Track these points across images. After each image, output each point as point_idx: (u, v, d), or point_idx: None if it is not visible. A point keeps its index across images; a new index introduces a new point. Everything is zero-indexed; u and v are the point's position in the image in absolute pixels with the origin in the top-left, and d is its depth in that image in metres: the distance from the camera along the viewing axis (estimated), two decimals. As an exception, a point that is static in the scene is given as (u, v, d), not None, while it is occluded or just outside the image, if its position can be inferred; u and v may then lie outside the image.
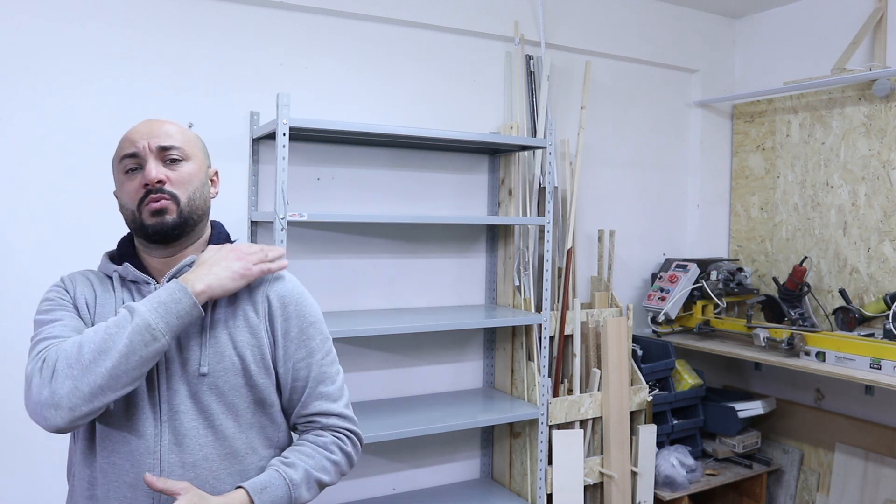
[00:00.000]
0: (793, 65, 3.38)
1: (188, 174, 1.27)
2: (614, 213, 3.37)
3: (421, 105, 2.81)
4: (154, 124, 1.28)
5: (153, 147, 1.24)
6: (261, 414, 1.28)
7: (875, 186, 3.02)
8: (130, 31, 2.29)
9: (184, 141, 1.29)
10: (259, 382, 1.27)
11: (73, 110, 2.22)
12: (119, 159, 1.27)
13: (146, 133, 1.26)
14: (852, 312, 2.91)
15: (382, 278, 2.74)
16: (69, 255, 2.22)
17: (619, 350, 2.91)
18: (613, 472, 2.84)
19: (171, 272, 1.26)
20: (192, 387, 1.21)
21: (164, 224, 1.23)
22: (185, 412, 1.20)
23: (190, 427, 1.20)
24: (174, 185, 1.24)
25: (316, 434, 1.31)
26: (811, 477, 3.22)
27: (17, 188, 2.16)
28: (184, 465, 1.19)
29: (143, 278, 1.27)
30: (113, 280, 1.28)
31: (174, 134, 1.28)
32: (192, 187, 1.27)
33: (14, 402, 2.16)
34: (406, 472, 2.81)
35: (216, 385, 1.22)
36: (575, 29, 3.15)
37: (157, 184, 1.22)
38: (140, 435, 1.18)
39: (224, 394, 1.23)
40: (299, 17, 2.56)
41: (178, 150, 1.27)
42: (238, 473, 1.24)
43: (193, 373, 1.22)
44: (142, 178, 1.23)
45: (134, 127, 1.29)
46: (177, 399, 1.20)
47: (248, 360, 1.25)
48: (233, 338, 1.25)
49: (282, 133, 2.14)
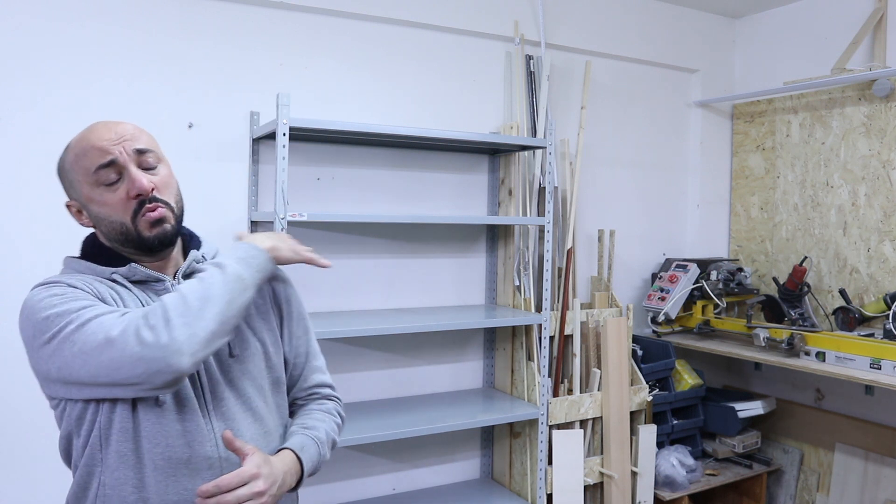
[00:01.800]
0: (793, 65, 3.38)
1: (168, 176, 1.24)
2: (614, 213, 3.37)
3: (421, 105, 2.81)
4: (116, 127, 1.20)
5: (130, 152, 1.18)
6: (277, 393, 1.35)
7: (875, 186, 3.02)
8: (130, 31, 2.29)
9: (150, 141, 1.23)
10: (276, 363, 1.34)
11: (73, 110, 2.22)
12: (91, 171, 1.17)
13: (115, 138, 1.18)
14: (852, 312, 2.91)
15: (382, 278, 2.74)
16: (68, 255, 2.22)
17: (619, 350, 2.91)
18: (613, 472, 2.84)
19: (182, 269, 1.27)
20: (227, 373, 1.25)
21: (166, 234, 1.21)
22: (227, 398, 1.23)
23: (235, 412, 1.23)
24: (161, 191, 1.21)
25: (319, 403, 1.42)
26: (811, 477, 3.22)
27: (18, 188, 2.16)
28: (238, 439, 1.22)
29: (156, 276, 1.24)
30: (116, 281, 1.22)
31: (141, 135, 1.22)
32: (175, 191, 1.25)
33: (14, 403, 2.16)
34: (406, 472, 2.81)
35: (247, 369, 1.27)
36: (575, 29, 3.15)
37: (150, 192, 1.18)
38: (195, 426, 1.18)
39: (254, 377, 1.28)
40: (299, 17, 2.56)
41: (153, 153, 1.21)
42: (273, 451, 1.28)
43: (226, 359, 1.25)
44: (129, 189, 1.17)
45: (93, 133, 1.19)
46: (218, 388, 1.23)
47: (267, 343, 1.33)
48: (249, 325, 1.31)
49: (282, 133, 2.14)
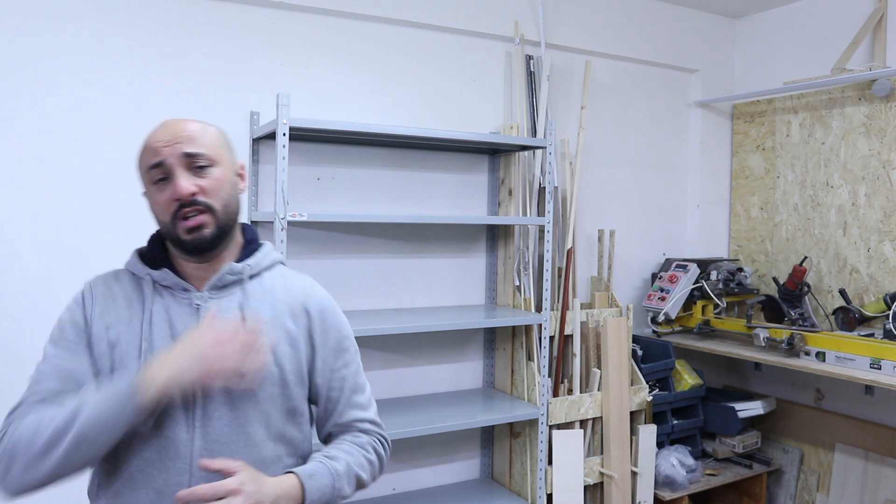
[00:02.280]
0: (793, 65, 3.38)
1: (218, 180, 1.22)
2: (614, 213, 3.37)
3: (421, 105, 2.81)
4: (174, 127, 1.22)
5: (178, 155, 1.19)
6: (290, 424, 1.29)
7: (875, 186, 3.02)
8: (130, 31, 2.29)
9: (209, 143, 1.23)
10: (294, 393, 1.28)
11: (74, 110, 2.22)
12: (145, 169, 1.22)
13: (168, 139, 1.20)
14: (852, 312, 2.91)
15: (382, 278, 2.74)
16: (70, 255, 2.22)
17: (619, 350, 2.91)
18: (613, 472, 2.84)
19: (212, 281, 1.25)
20: (230, 393, 1.21)
21: (203, 239, 1.20)
22: (220, 418, 1.20)
23: (222, 433, 1.20)
24: (206, 194, 1.20)
25: (353, 435, 1.36)
26: (811, 477, 3.22)
27: (18, 188, 2.16)
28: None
29: (183, 285, 1.24)
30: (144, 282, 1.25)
31: (197, 137, 1.21)
32: (224, 192, 1.23)
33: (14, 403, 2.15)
34: (406, 472, 2.81)
35: (254, 393, 1.22)
36: (575, 29, 3.15)
37: (189, 197, 1.18)
38: (172, 440, 1.17)
39: (259, 402, 1.23)
40: (299, 17, 2.56)
41: (204, 156, 1.21)
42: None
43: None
44: (172, 192, 1.18)
45: (154, 132, 1.23)
46: (212, 405, 1.20)
47: (287, 370, 1.27)
48: (273, 349, 1.26)
49: (282, 133, 2.14)
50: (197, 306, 1.24)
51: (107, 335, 1.21)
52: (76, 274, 2.21)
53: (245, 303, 1.26)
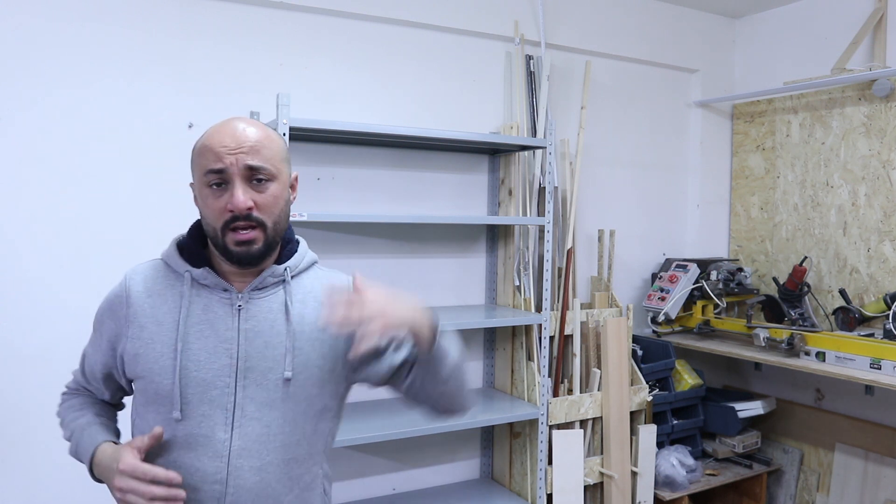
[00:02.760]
0: (793, 65, 3.38)
1: (275, 196, 1.20)
2: (614, 213, 3.37)
3: (421, 105, 2.81)
4: (240, 133, 1.18)
5: (241, 167, 1.17)
6: (323, 420, 1.30)
7: (875, 186, 3.02)
8: (130, 31, 2.29)
9: (271, 157, 1.20)
10: (329, 390, 1.29)
11: (73, 110, 2.22)
12: (203, 171, 1.18)
13: (233, 146, 1.17)
14: (852, 312, 2.91)
15: (382, 278, 2.73)
16: (69, 255, 2.22)
17: (619, 350, 2.91)
18: (613, 472, 2.84)
19: (254, 283, 1.24)
20: (270, 393, 1.21)
21: (251, 254, 1.19)
22: (259, 419, 1.20)
23: (261, 433, 1.20)
24: (261, 210, 1.18)
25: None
26: (811, 477, 3.22)
27: (18, 188, 2.16)
28: (251, 469, 1.19)
29: (224, 285, 1.23)
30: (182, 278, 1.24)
31: (262, 149, 1.19)
32: (278, 209, 1.21)
33: (14, 403, 2.16)
34: (406, 472, 2.81)
35: (295, 393, 1.23)
36: (575, 29, 3.15)
37: (245, 212, 1.16)
38: (210, 439, 1.18)
39: (299, 402, 1.24)
40: (299, 17, 2.56)
41: (265, 171, 1.19)
42: (297, 478, 1.25)
43: (275, 379, 1.22)
44: (227, 202, 1.16)
45: (218, 133, 1.19)
46: (251, 406, 1.20)
47: (326, 370, 1.27)
48: (315, 348, 1.26)
49: (282, 133, 2.14)
50: (239, 307, 1.23)
51: (140, 335, 1.22)
52: (76, 274, 2.22)
53: (289, 302, 1.26)
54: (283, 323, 1.24)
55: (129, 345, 1.23)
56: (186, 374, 1.19)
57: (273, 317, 1.24)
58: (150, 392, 1.21)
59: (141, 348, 1.21)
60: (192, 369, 1.19)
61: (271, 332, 1.23)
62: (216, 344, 1.20)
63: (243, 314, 1.23)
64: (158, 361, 1.20)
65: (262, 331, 1.23)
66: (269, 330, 1.23)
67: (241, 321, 1.22)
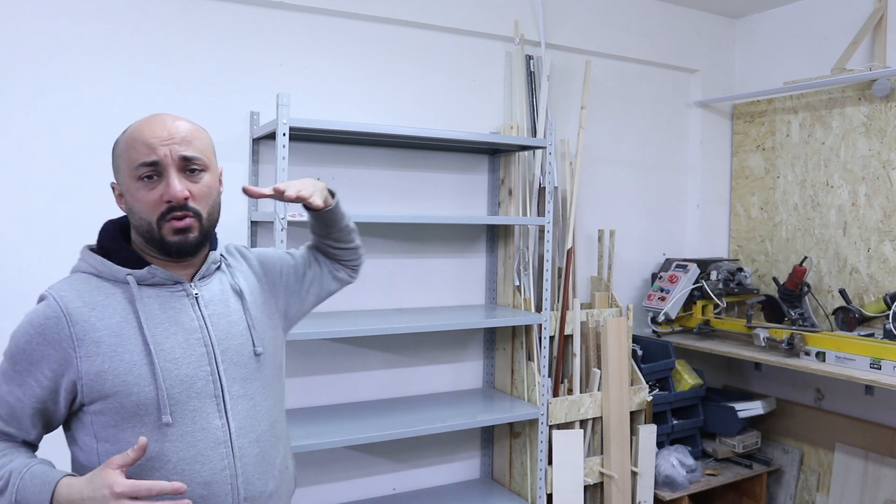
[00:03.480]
0: (793, 65, 3.38)
1: (208, 186, 1.22)
2: (614, 213, 3.37)
3: (421, 105, 2.81)
4: (170, 125, 1.19)
5: (175, 157, 1.17)
6: (281, 375, 1.38)
7: (875, 186, 3.02)
8: (131, 31, 2.29)
9: (202, 147, 1.22)
10: (280, 345, 1.40)
11: (74, 110, 2.22)
12: (134, 164, 1.16)
13: (166, 137, 1.17)
14: (852, 312, 2.91)
15: (382, 278, 2.74)
16: (69, 255, 2.22)
17: (619, 350, 2.91)
18: (613, 472, 2.84)
19: (201, 272, 1.27)
20: (247, 368, 1.27)
21: (187, 243, 1.20)
22: (243, 395, 1.25)
23: (248, 408, 1.25)
24: (196, 199, 1.19)
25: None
26: (811, 477, 3.22)
27: (18, 187, 2.16)
28: (250, 443, 1.24)
29: (175, 278, 1.23)
30: (125, 284, 1.20)
31: (193, 140, 1.20)
32: (211, 199, 1.23)
33: None
34: (406, 472, 2.81)
35: (265, 360, 1.31)
36: (575, 29, 3.15)
37: (183, 201, 1.17)
38: (207, 431, 1.19)
39: (268, 366, 1.32)
40: (299, 17, 2.56)
41: (199, 160, 1.20)
42: (279, 435, 1.33)
43: (248, 355, 1.27)
44: (163, 193, 1.16)
45: (148, 126, 1.18)
46: (235, 386, 1.24)
47: (278, 328, 1.40)
48: (264, 313, 1.36)
49: (282, 133, 2.13)
50: (196, 296, 1.25)
51: (99, 351, 1.14)
52: (76, 274, 2.22)
53: (234, 282, 1.33)
54: (236, 301, 1.30)
55: (85, 365, 1.14)
56: (168, 374, 1.17)
57: (225, 297, 1.29)
58: (128, 407, 1.14)
59: (105, 364, 1.14)
60: (171, 369, 1.18)
61: (229, 312, 1.28)
62: (186, 337, 1.21)
63: (201, 301, 1.26)
64: (132, 372, 1.15)
65: (221, 313, 1.27)
66: (226, 310, 1.28)
67: (202, 308, 1.25)
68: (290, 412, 2.40)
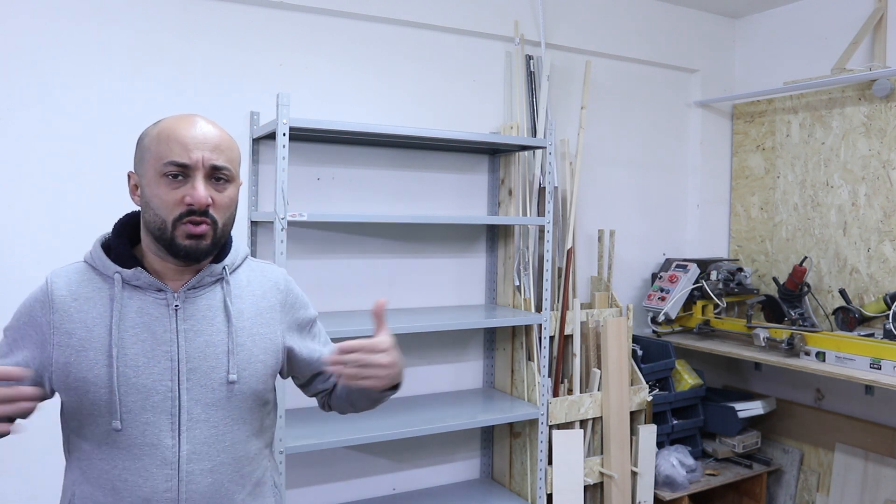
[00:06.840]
0: (793, 65, 3.38)
1: (231, 198, 1.21)
2: (614, 213, 3.37)
3: (421, 105, 2.81)
4: (208, 132, 1.18)
5: (207, 164, 1.16)
6: (266, 416, 1.31)
7: (875, 186, 3.02)
8: (130, 31, 2.29)
9: (232, 159, 1.21)
10: (270, 384, 1.30)
11: (74, 110, 2.22)
12: (164, 160, 1.15)
13: (201, 143, 1.16)
14: (852, 312, 2.91)
15: (382, 278, 2.74)
16: (69, 255, 2.21)
17: (619, 350, 2.91)
18: (613, 472, 2.84)
19: (191, 282, 1.21)
20: (215, 394, 1.20)
21: (199, 249, 1.17)
22: (206, 420, 1.18)
23: (209, 435, 1.19)
24: (217, 209, 1.18)
25: None
26: (811, 477, 3.22)
27: (18, 187, 2.16)
28: (202, 472, 1.18)
29: (158, 285, 1.19)
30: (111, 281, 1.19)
31: (226, 150, 1.20)
32: (230, 211, 1.22)
33: (14, 402, 2.15)
34: (406, 472, 2.81)
35: (241, 390, 1.22)
36: (575, 29, 3.15)
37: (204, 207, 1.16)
38: (156, 447, 1.15)
39: (246, 398, 1.23)
40: (299, 17, 2.56)
41: (227, 171, 1.19)
42: (248, 475, 1.25)
43: (219, 381, 1.20)
44: (185, 194, 1.15)
45: (185, 126, 1.18)
46: (197, 408, 1.18)
47: (269, 364, 1.28)
48: (256, 343, 1.26)
49: (282, 133, 2.14)
50: (176, 307, 1.20)
51: (69, 342, 1.15)
52: (76, 274, 2.22)
53: (228, 301, 1.24)
54: (222, 321, 1.22)
55: (56, 353, 1.15)
56: (125, 380, 1.14)
57: (212, 314, 1.22)
58: (86, 404, 1.15)
59: (71, 356, 1.14)
60: (130, 375, 1.14)
61: (211, 331, 1.21)
62: (154, 347, 1.17)
63: (181, 314, 1.20)
64: (92, 370, 1.14)
65: (201, 330, 1.20)
66: (208, 328, 1.21)
67: (179, 321, 1.19)
68: (290, 412, 2.39)
